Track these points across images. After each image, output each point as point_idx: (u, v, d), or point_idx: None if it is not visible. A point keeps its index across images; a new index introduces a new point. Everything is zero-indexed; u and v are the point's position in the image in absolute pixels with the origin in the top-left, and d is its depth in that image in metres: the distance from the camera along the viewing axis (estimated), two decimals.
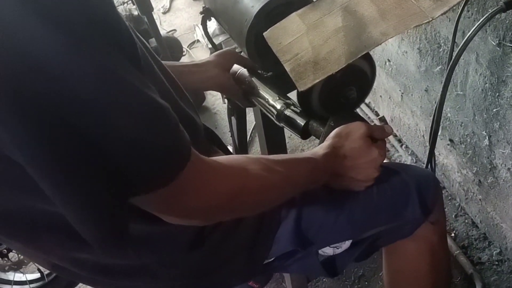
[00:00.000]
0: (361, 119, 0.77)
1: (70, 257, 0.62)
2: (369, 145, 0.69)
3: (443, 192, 1.56)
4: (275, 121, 0.88)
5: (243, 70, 0.95)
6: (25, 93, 0.36)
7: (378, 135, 0.72)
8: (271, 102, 0.87)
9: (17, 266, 1.53)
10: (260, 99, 0.91)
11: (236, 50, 1.13)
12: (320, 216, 0.75)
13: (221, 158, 0.56)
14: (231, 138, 1.49)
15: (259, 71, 1.02)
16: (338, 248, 0.77)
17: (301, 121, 0.82)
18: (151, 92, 0.44)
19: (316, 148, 0.70)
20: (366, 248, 0.80)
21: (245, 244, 0.72)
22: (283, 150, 1.28)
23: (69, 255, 0.62)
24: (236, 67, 0.99)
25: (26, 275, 1.55)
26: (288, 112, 0.84)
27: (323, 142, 0.72)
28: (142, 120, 0.42)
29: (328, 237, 0.75)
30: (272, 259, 0.76)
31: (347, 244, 0.77)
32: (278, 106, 0.86)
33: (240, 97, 1.00)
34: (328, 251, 0.77)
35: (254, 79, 0.93)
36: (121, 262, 0.65)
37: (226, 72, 0.95)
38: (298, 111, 0.84)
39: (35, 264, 1.46)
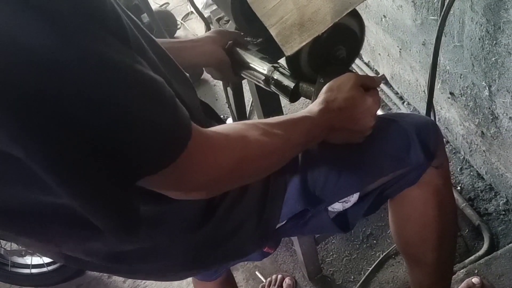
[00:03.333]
0: (349, 71, 0.75)
1: (83, 248, 0.63)
2: (362, 94, 0.69)
3: (446, 146, 1.55)
4: (264, 86, 0.87)
5: (230, 44, 0.93)
6: (16, 85, 0.36)
7: (369, 83, 0.71)
8: (259, 68, 0.86)
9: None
10: (248, 71, 0.89)
11: (224, 19, 1.11)
12: (324, 173, 0.75)
13: (220, 128, 0.56)
14: (228, 107, 1.48)
15: (248, 39, 1.00)
16: (347, 203, 0.78)
17: (289, 83, 0.81)
18: (144, 68, 0.43)
19: (310, 106, 0.69)
20: (374, 201, 0.80)
21: (253, 209, 0.72)
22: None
23: (81, 245, 0.62)
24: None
25: (43, 258, 1.59)
26: (276, 75, 0.82)
27: (315, 99, 0.71)
28: (139, 97, 0.41)
29: (335, 193, 0.75)
30: (284, 222, 0.77)
31: (355, 197, 0.77)
32: (265, 71, 0.84)
33: (231, 75, 0.99)
34: (337, 206, 0.78)
35: (240, 51, 0.91)
36: (134, 246, 0.65)
37: (222, 49, 0.92)
38: (287, 73, 0.82)
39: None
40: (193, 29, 2.53)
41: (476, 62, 1.12)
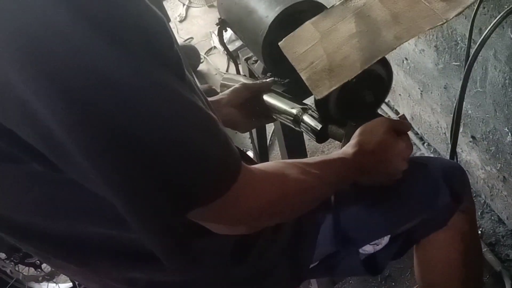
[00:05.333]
0: (379, 115, 0.78)
1: (124, 277, 0.65)
2: (395, 139, 0.71)
3: None
4: (294, 127, 0.90)
5: (254, 94, 0.97)
6: (93, 108, 0.39)
7: (401, 128, 0.73)
8: (288, 110, 0.89)
9: (50, 277, 1.58)
10: (277, 114, 0.92)
11: (253, 59, 1.15)
12: (356, 214, 0.77)
13: (261, 165, 0.59)
14: (251, 143, 1.50)
15: (276, 79, 1.03)
16: (377, 245, 0.79)
17: (317, 125, 0.83)
18: (202, 104, 0.47)
19: (344, 148, 0.72)
20: (403, 243, 0.81)
21: (287, 250, 0.73)
22: (303, 153, 1.29)
23: (123, 275, 0.64)
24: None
25: (59, 285, 1.60)
26: (305, 117, 0.85)
27: (347, 142, 0.73)
28: (200, 131, 0.45)
29: (366, 235, 0.77)
30: (316, 263, 0.78)
31: (386, 240, 0.78)
32: (295, 112, 0.87)
33: (252, 126, 1.02)
34: (368, 249, 0.79)
35: (267, 96, 0.94)
36: (172, 278, 0.66)
37: (237, 109, 0.94)
38: (315, 115, 0.85)
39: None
40: (215, 63, 2.59)
41: (498, 108, 1.14)
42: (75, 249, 0.57)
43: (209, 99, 0.93)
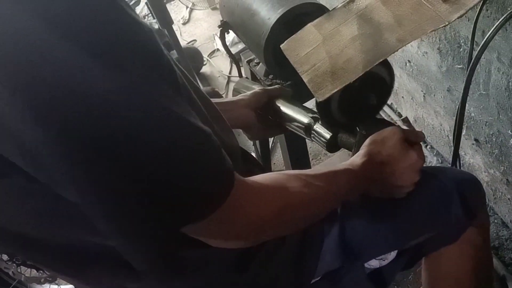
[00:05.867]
0: (392, 125, 0.76)
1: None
2: (407, 149, 0.68)
3: None
4: (305, 136, 0.89)
5: (269, 102, 0.96)
6: (75, 125, 0.38)
7: (413, 138, 0.71)
8: (300, 119, 0.88)
9: (52, 279, 1.59)
10: (288, 122, 0.92)
11: (255, 61, 1.15)
12: (363, 227, 0.74)
13: (261, 178, 0.56)
14: (253, 145, 1.50)
15: (277, 81, 1.03)
16: (384, 260, 0.76)
17: (327, 134, 0.83)
18: (193, 118, 0.45)
19: (353, 158, 0.69)
20: (411, 257, 0.79)
21: (290, 261, 0.71)
22: (305, 156, 1.29)
23: (119, 286, 0.63)
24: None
25: (61, 286, 1.61)
26: (316, 126, 0.85)
27: (357, 151, 0.71)
28: (188, 147, 0.43)
29: (373, 249, 0.74)
30: (319, 277, 0.75)
31: (392, 255, 0.76)
32: (306, 121, 0.87)
33: (262, 133, 1.00)
34: (374, 263, 0.76)
35: (280, 104, 0.94)
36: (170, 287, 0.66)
37: (254, 112, 0.93)
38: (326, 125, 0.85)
39: None
40: (218, 65, 2.60)
41: (502, 111, 1.13)
42: (71, 259, 0.56)
43: (228, 99, 0.93)
